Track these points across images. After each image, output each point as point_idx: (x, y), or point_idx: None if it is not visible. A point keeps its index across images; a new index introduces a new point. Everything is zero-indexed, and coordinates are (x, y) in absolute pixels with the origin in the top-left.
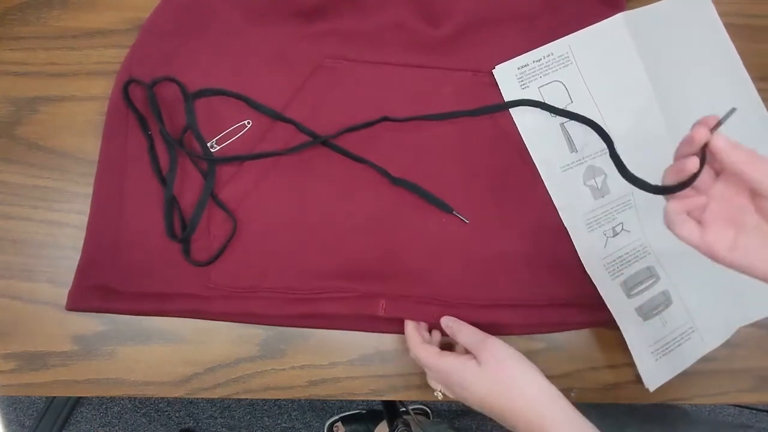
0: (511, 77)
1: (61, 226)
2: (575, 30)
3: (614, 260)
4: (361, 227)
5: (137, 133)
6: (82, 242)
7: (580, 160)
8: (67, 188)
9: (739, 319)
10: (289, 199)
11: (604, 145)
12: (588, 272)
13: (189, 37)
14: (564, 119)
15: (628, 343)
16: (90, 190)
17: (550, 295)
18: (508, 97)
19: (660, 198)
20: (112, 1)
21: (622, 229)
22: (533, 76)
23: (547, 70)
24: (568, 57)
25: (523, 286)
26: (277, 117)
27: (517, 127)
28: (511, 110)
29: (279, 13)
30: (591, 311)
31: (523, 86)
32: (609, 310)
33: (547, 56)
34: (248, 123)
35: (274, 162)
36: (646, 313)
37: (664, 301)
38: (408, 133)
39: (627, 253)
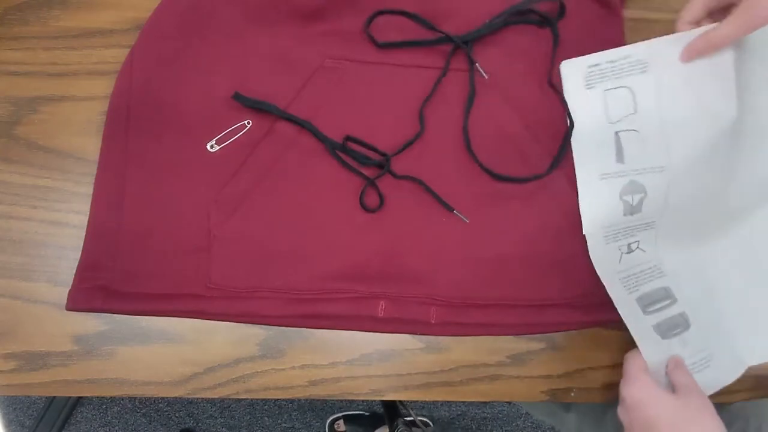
0: (577, 74)
1: (61, 226)
2: (575, 29)
3: (629, 276)
4: (361, 228)
5: (137, 133)
6: (82, 242)
7: (623, 172)
8: (67, 188)
9: (754, 356)
10: (290, 199)
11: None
12: (603, 283)
13: (190, 37)
14: (622, 128)
15: (645, 358)
16: (90, 190)
17: (550, 295)
18: (568, 94)
19: (682, 223)
20: (112, 1)
21: (638, 247)
22: (602, 77)
23: (619, 74)
24: (647, 63)
25: (523, 287)
26: (308, 127)
27: (517, 126)
28: (570, 109)
29: (280, 14)
30: (591, 311)
31: (588, 86)
32: (608, 310)
33: (624, 58)
34: (248, 123)
35: (274, 162)
36: (665, 332)
37: (682, 323)
38: (409, 133)
39: (642, 271)
